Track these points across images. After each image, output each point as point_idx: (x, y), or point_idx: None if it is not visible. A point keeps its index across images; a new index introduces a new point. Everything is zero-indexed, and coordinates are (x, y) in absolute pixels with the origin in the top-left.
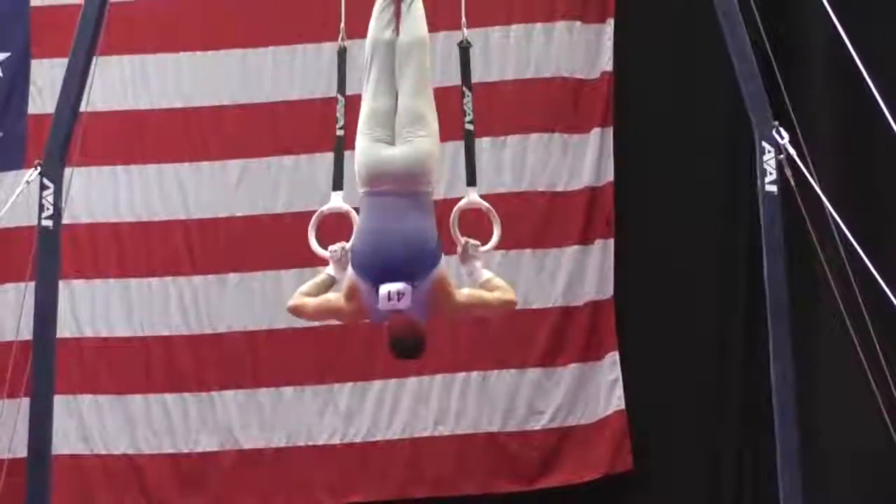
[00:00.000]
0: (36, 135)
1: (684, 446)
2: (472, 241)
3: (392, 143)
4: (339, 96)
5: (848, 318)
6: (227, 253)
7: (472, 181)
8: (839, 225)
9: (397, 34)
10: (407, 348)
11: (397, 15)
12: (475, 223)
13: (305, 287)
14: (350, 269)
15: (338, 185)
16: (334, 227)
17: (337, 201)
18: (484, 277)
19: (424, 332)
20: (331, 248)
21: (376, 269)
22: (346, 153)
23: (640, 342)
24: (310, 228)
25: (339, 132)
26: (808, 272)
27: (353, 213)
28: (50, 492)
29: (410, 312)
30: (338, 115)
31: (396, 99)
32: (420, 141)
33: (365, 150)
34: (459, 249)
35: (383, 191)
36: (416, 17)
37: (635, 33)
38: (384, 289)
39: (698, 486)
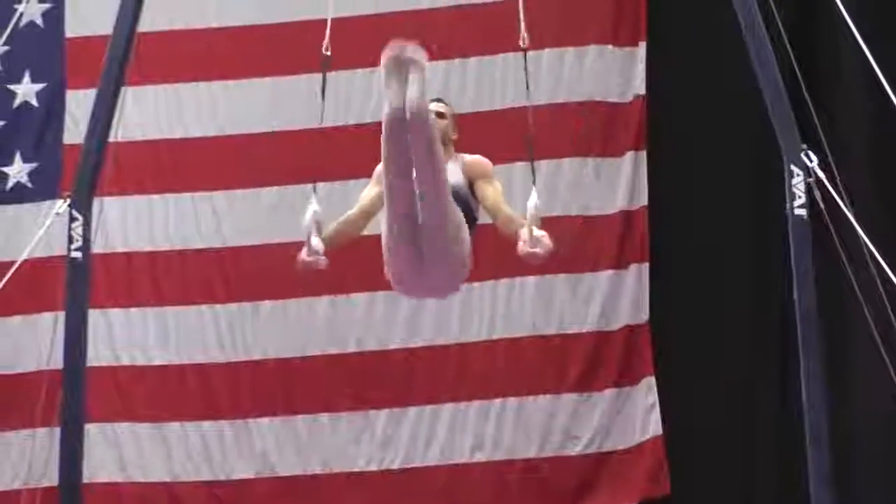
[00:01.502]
0: (71, 165)
1: (722, 471)
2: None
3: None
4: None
5: (882, 346)
6: (261, 280)
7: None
8: (871, 249)
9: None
10: None
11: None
12: None
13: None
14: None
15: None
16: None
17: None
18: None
19: None
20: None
21: None
22: None
23: (677, 367)
24: (307, 222)
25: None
26: (841, 296)
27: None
28: None
29: None
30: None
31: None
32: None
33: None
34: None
35: None
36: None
37: (668, 56)
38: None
39: None
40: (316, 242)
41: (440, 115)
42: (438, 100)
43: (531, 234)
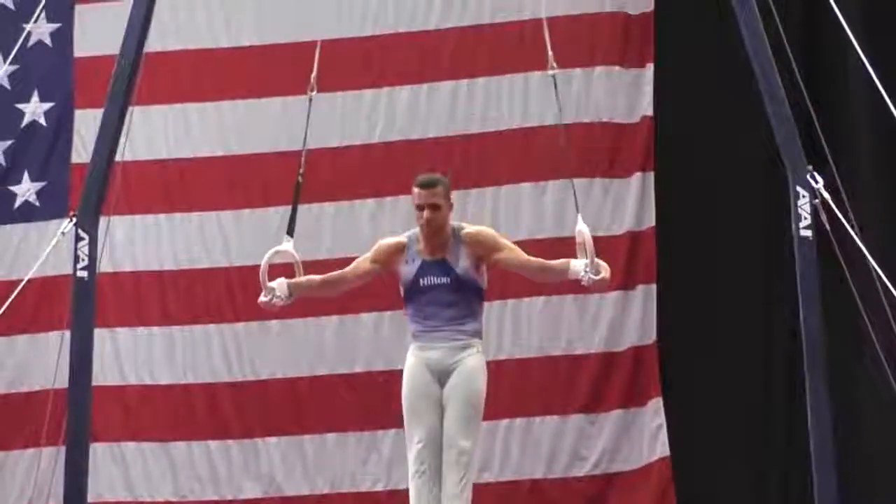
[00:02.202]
0: (79, 184)
1: (729, 493)
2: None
3: None
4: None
5: (888, 365)
6: None
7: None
8: (877, 270)
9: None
10: None
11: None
12: None
13: None
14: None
15: (290, 231)
16: None
17: (287, 246)
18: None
19: None
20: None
21: None
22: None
23: (685, 388)
24: (263, 265)
25: (299, 178)
26: (848, 317)
27: (300, 265)
28: None
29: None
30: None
31: None
32: None
33: None
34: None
35: None
36: None
37: (675, 78)
38: None
39: None
40: (277, 284)
41: (434, 206)
42: (430, 182)
43: (592, 261)
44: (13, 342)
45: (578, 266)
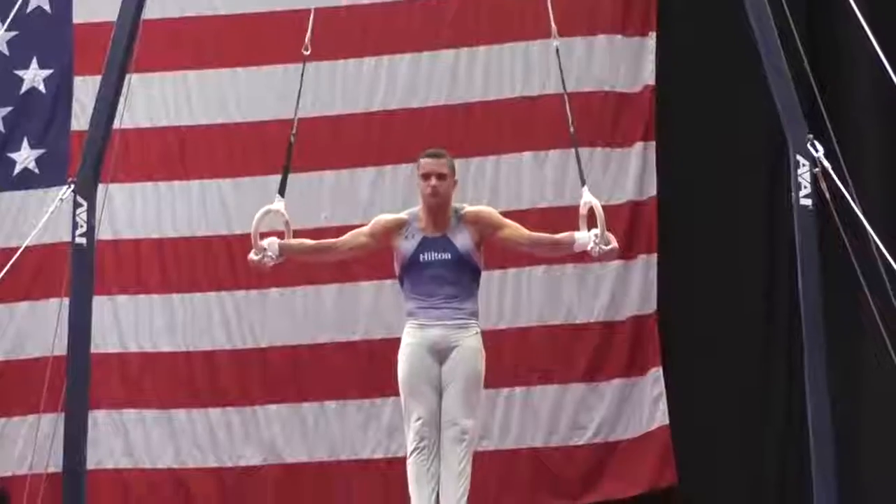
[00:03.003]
0: (79, 151)
1: (728, 461)
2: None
3: None
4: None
5: (888, 336)
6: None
7: (582, 181)
8: (875, 239)
9: None
10: None
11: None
12: None
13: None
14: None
15: (282, 191)
16: None
17: (279, 205)
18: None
19: None
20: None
21: None
22: None
23: (684, 357)
24: (254, 223)
25: (292, 139)
26: (848, 286)
27: (289, 224)
28: None
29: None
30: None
31: None
32: None
33: None
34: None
35: None
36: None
37: (677, 47)
38: None
39: (741, 501)
40: (268, 243)
41: (441, 176)
42: (437, 154)
43: (603, 232)
44: (12, 309)
45: (585, 238)
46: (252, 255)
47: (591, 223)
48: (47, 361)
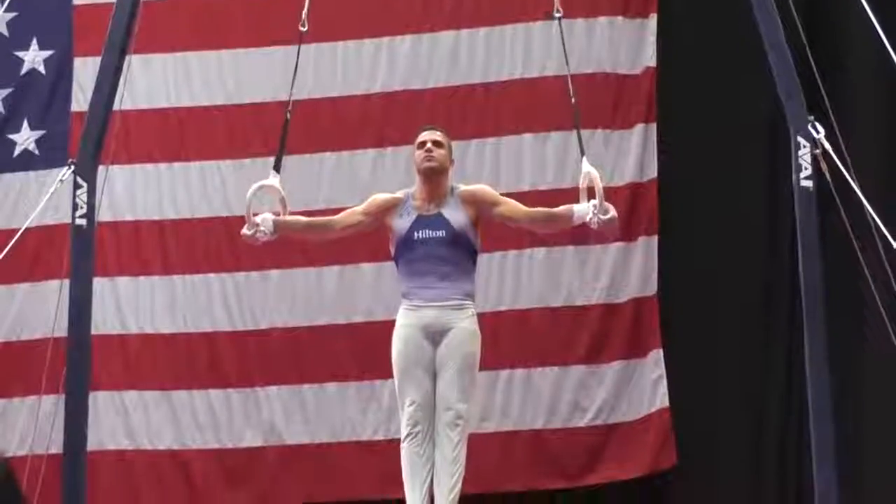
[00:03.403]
0: (79, 133)
1: (728, 443)
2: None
3: None
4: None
5: (887, 316)
6: (268, 249)
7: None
8: (876, 221)
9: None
10: None
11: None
12: None
13: None
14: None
15: (277, 167)
16: None
17: (273, 181)
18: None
19: None
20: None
21: None
22: None
23: (685, 339)
24: (248, 197)
25: (288, 116)
26: (849, 269)
27: (285, 200)
28: (85, 488)
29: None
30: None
31: None
32: None
33: None
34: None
35: None
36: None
37: (678, 28)
38: None
39: (742, 482)
40: (262, 219)
41: (437, 143)
42: (434, 128)
43: (601, 202)
44: (13, 290)
45: (584, 209)
46: (245, 230)
47: (592, 196)
48: (48, 343)
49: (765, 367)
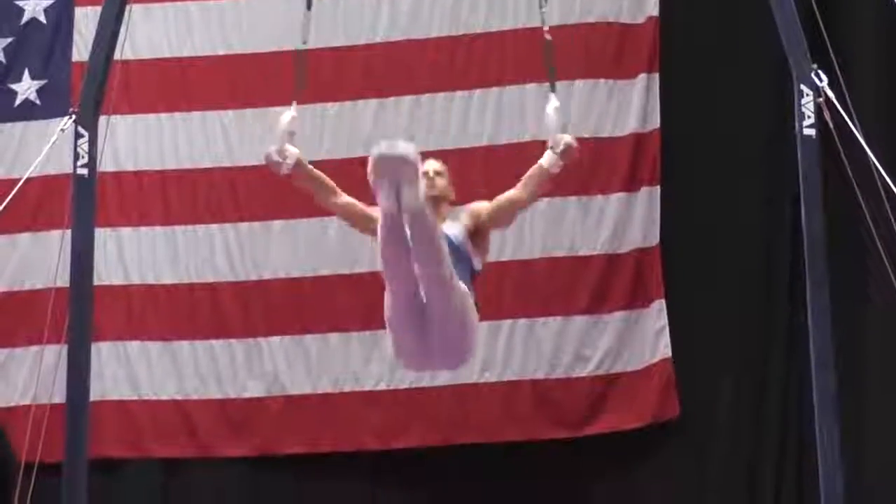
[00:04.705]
0: (80, 83)
1: (730, 394)
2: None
3: None
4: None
5: (892, 271)
6: (271, 199)
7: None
8: (879, 169)
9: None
10: None
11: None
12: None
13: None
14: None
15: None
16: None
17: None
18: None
19: None
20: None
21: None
22: None
23: (687, 290)
24: (283, 125)
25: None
26: (852, 220)
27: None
28: (88, 437)
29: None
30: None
31: None
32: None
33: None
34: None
35: None
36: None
37: None
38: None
39: (744, 433)
40: (291, 150)
41: (438, 173)
42: (436, 160)
43: (553, 138)
44: (15, 240)
45: (547, 157)
46: (273, 154)
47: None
48: (50, 293)
49: (767, 317)
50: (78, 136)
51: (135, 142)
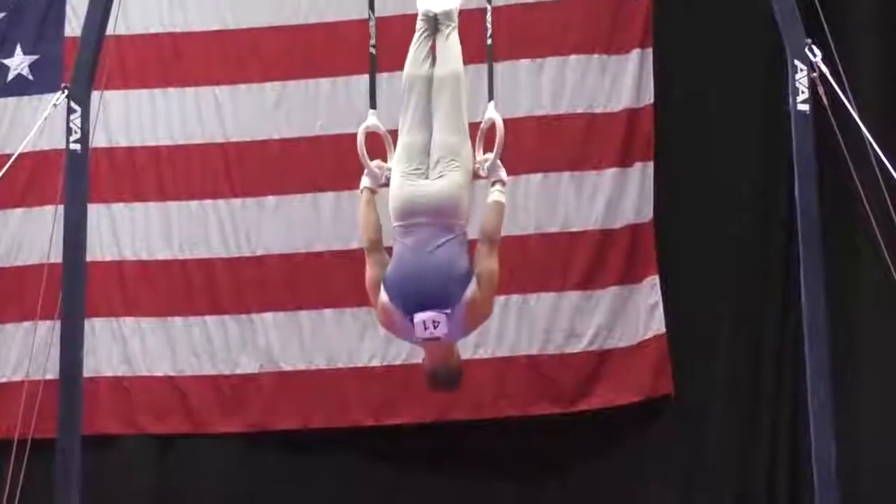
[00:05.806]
0: (73, 57)
1: (724, 369)
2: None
3: (426, 176)
4: (371, 13)
5: (885, 248)
6: (265, 175)
7: (490, 96)
8: (873, 144)
9: (434, 68)
10: (443, 380)
11: (433, 49)
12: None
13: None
14: (384, 297)
15: (373, 103)
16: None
17: (373, 119)
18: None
19: (460, 366)
20: (375, 163)
21: (410, 298)
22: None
23: (680, 265)
24: (359, 143)
25: (372, 51)
26: (845, 196)
27: (388, 137)
28: (81, 413)
29: (448, 338)
30: (370, 32)
31: (431, 133)
32: (453, 175)
33: (399, 185)
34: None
35: (416, 223)
36: (452, 52)
37: None
38: (419, 318)
39: (738, 408)
40: (378, 165)
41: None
42: None
43: (496, 158)
44: (7, 216)
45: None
46: (367, 182)
47: (490, 143)
48: (43, 268)
49: (762, 292)
50: (70, 111)
51: (128, 117)
